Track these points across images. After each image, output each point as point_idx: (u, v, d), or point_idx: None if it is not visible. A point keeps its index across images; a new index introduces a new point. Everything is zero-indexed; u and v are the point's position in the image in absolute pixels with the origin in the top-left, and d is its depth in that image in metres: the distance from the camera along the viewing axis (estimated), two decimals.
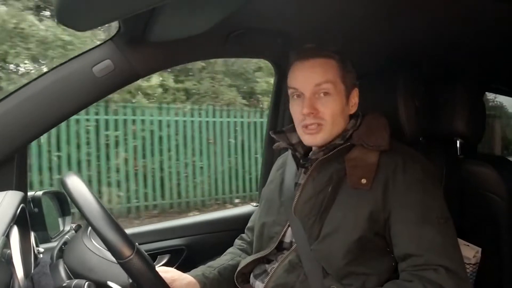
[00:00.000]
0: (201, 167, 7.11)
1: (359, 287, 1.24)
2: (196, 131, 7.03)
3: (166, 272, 1.34)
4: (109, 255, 1.13)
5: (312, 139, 1.35)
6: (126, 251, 1.06)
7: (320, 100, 1.32)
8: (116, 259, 1.07)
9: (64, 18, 1.02)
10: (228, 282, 1.48)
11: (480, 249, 1.62)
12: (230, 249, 1.64)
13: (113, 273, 1.24)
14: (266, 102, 8.07)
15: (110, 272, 1.25)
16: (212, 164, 7.20)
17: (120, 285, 1.19)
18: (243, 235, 1.70)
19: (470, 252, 1.60)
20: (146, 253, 1.13)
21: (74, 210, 1.38)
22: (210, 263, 1.53)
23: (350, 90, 1.36)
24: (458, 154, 1.81)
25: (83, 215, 1.07)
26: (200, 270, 1.47)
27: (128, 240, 1.08)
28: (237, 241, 1.68)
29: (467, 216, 1.67)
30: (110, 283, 1.19)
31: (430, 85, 1.79)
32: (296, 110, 1.35)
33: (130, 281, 1.16)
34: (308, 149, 1.45)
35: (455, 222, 1.28)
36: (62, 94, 1.37)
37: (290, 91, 1.38)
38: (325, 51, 1.34)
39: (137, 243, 1.10)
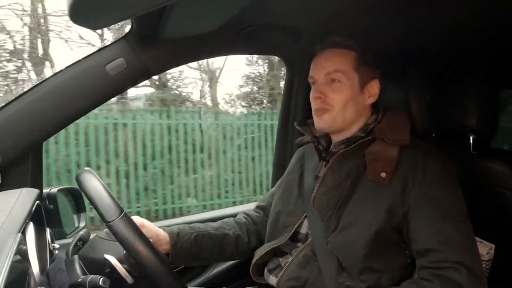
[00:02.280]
0: None
1: (373, 285, 1.24)
2: None
3: (136, 219, 1.37)
4: (110, 233, 1.17)
5: (318, 120, 1.39)
6: (112, 214, 1.12)
7: (331, 87, 1.36)
8: (104, 221, 1.13)
9: (77, 17, 1.02)
10: (199, 249, 1.49)
11: (493, 246, 1.61)
12: (226, 219, 1.65)
13: (111, 248, 1.27)
14: None
15: (109, 248, 1.28)
16: None
17: (116, 258, 1.23)
18: (249, 211, 1.70)
19: (484, 249, 1.60)
20: (133, 220, 1.17)
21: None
22: (194, 225, 1.55)
23: (367, 80, 1.38)
24: (471, 150, 1.79)
25: (83, 193, 1.16)
26: (178, 228, 1.49)
27: (116, 204, 1.15)
28: (240, 214, 1.68)
29: (480, 212, 1.66)
30: (106, 256, 1.23)
31: (442, 80, 1.77)
32: (311, 96, 1.40)
33: (124, 252, 1.20)
34: (331, 142, 1.46)
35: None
36: (75, 92, 1.39)
37: (309, 80, 1.42)
38: (346, 43, 1.38)
39: (125, 210, 1.16)
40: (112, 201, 1.15)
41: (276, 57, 2.03)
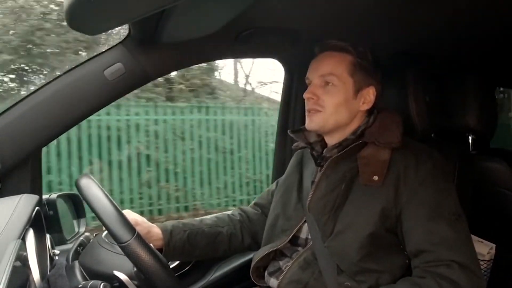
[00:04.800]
0: None
1: (373, 284, 1.24)
2: None
3: (129, 213, 1.37)
4: (117, 248, 1.17)
5: (309, 122, 1.40)
6: (126, 235, 1.12)
7: (324, 89, 1.37)
8: (117, 243, 1.14)
9: (74, 22, 1.02)
10: (192, 247, 1.50)
11: (494, 245, 1.61)
12: (221, 215, 1.65)
13: (119, 264, 1.27)
14: None
15: (117, 263, 1.28)
16: None
17: (126, 274, 1.23)
18: (246, 208, 1.70)
19: (484, 249, 1.60)
20: (144, 240, 1.17)
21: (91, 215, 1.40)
22: (188, 221, 1.55)
23: (362, 86, 1.38)
24: (471, 150, 1.80)
25: (91, 209, 1.15)
26: (171, 225, 1.49)
27: (129, 226, 1.15)
28: (236, 211, 1.68)
29: (480, 212, 1.66)
30: (115, 272, 1.23)
31: (440, 80, 1.78)
32: (304, 95, 1.40)
33: (135, 269, 1.20)
34: (325, 147, 1.46)
35: (468, 218, 1.27)
36: (74, 97, 1.39)
37: (306, 81, 1.43)
38: (343, 46, 1.38)
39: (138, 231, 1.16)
40: (124, 220, 1.15)
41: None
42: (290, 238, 1.42)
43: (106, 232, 1.41)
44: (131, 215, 1.38)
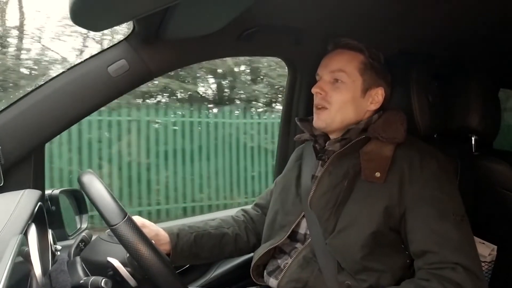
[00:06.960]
0: None
1: (373, 284, 1.24)
2: None
3: (137, 218, 1.37)
4: (115, 238, 1.17)
5: (316, 119, 1.40)
6: (116, 217, 1.12)
7: (333, 85, 1.37)
8: (107, 225, 1.13)
9: (79, 18, 1.03)
10: (199, 249, 1.50)
11: (495, 247, 1.61)
12: (224, 216, 1.65)
13: (114, 251, 1.28)
14: None
15: (113, 251, 1.29)
16: None
17: (119, 260, 1.23)
18: (247, 208, 1.70)
19: (486, 250, 1.59)
20: (136, 224, 1.17)
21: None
22: (193, 224, 1.55)
23: (371, 86, 1.38)
24: (473, 151, 1.79)
25: (86, 195, 1.16)
26: (177, 228, 1.49)
27: (120, 208, 1.15)
28: (239, 212, 1.68)
29: (482, 213, 1.66)
30: (109, 259, 1.23)
31: (443, 80, 1.77)
32: (313, 90, 1.40)
33: (127, 255, 1.20)
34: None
35: (470, 219, 1.27)
36: (78, 93, 1.39)
37: (316, 78, 1.43)
38: (355, 44, 1.39)
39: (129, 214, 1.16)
40: (116, 204, 1.15)
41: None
42: (288, 233, 1.41)
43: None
44: (139, 220, 1.38)
